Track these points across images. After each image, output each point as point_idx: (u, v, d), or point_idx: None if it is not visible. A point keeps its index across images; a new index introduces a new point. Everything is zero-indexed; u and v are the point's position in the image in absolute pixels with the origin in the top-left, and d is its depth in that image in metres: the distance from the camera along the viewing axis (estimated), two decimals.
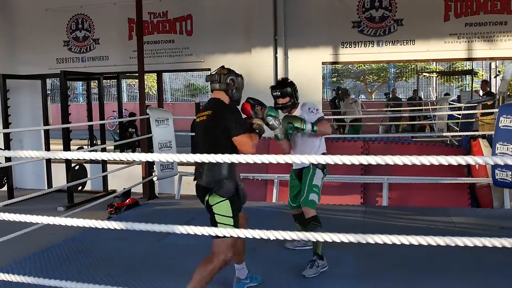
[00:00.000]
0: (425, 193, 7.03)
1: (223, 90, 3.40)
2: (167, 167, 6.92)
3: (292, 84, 4.21)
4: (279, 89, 4.18)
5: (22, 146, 9.65)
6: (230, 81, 3.39)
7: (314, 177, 4.09)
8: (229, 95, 3.41)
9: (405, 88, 23.79)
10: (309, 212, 4.03)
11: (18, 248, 5.16)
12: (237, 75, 3.45)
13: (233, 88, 3.41)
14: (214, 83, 3.42)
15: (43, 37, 9.54)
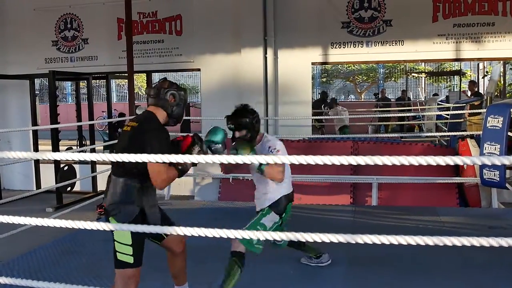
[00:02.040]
0: (414, 192, 7.08)
1: (160, 106, 3.04)
2: None
3: (252, 112, 3.57)
4: (233, 121, 3.55)
5: (11, 147, 9.57)
6: (169, 96, 3.03)
7: (263, 217, 3.56)
8: (167, 111, 3.05)
9: (394, 89, 23.92)
10: (237, 246, 3.42)
11: (6, 250, 5.12)
12: (179, 90, 3.09)
13: (173, 105, 3.05)
14: (151, 97, 3.08)
15: (32, 37, 9.47)
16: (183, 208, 6.83)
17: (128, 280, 2.91)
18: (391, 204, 6.97)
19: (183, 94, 3.11)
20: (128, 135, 2.97)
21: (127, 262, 2.88)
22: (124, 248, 2.87)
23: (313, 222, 5.79)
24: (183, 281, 3.42)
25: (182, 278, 3.41)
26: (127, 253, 2.87)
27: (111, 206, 2.93)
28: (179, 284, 3.42)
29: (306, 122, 8.39)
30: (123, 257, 2.88)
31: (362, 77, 25.79)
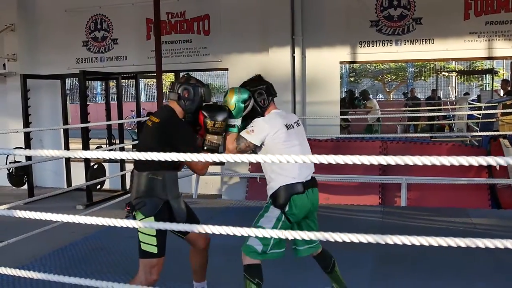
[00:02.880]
0: (445, 193, 6.96)
1: (175, 100, 3.12)
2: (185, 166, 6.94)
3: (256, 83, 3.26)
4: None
5: (42, 145, 9.77)
6: (183, 91, 3.09)
7: (261, 218, 3.14)
8: (181, 106, 3.11)
9: (424, 88, 23.54)
10: (244, 260, 3.12)
11: (39, 246, 5.23)
12: (195, 85, 3.11)
13: (186, 99, 3.09)
14: (169, 91, 3.18)
15: (63, 38, 9.65)
16: (210, 207, 6.87)
17: (151, 270, 2.98)
18: (420, 205, 6.87)
19: (198, 90, 3.11)
20: (152, 131, 3.06)
21: (151, 252, 2.97)
22: (148, 239, 2.94)
23: (341, 222, 5.75)
24: (201, 278, 3.42)
25: (201, 275, 3.42)
26: (151, 243, 2.95)
27: (136, 200, 3.01)
28: (198, 281, 3.43)
29: (334, 121, 8.33)
30: (147, 247, 2.96)
31: (391, 76, 25.47)
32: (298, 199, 3.07)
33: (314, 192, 3.20)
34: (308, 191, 3.12)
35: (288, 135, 3.12)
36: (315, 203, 3.21)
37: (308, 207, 3.14)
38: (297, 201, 3.07)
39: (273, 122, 3.15)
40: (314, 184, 3.22)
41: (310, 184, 3.17)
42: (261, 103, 3.20)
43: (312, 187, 3.19)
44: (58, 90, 9.52)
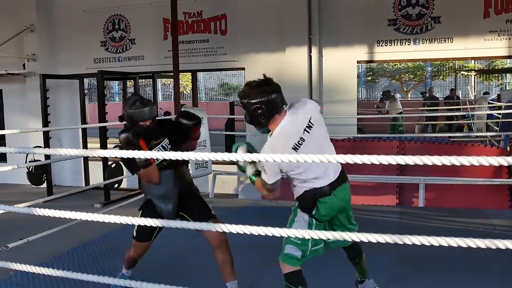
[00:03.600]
0: (463, 194, 6.87)
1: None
2: (202, 165, 6.96)
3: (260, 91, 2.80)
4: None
5: (61, 144, 9.88)
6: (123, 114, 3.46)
7: (293, 223, 3.01)
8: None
9: (442, 87, 23.27)
10: (284, 268, 2.99)
11: (57, 244, 5.29)
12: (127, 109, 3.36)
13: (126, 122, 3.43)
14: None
15: (81, 38, 9.75)
16: (226, 206, 6.87)
17: (131, 248, 3.58)
18: (438, 205, 6.79)
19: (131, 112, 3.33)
20: None
21: (132, 234, 3.52)
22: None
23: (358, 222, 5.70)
24: (228, 277, 3.37)
25: (226, 274, 3.36)
26: (134, 228, 3.46)
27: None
28: (226, 280, 3.39)
29: (351, 121, 8.28)
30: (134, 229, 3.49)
31: (409, 76, 25.23)
32: (325, 201, 2.91)
33: (343, 189, 2.98)
34: (335, 191, 2.92)
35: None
36: (346, 198, 3.02)
37: (337, 206, 2.98)
38: (324, 203, 2.91)
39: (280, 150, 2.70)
40: (341, 180, 2.98)
41: (336, 182, 2.94)
42: (261, 119, 2.82)
43: (340, 184, 2.96)
44: (76, 90, 9.62)
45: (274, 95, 2.77)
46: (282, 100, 2.82)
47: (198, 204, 3.49)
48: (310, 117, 2.82)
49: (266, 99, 2.76)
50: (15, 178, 9.67)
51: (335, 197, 2.92)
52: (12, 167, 5.00)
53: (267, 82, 2.82)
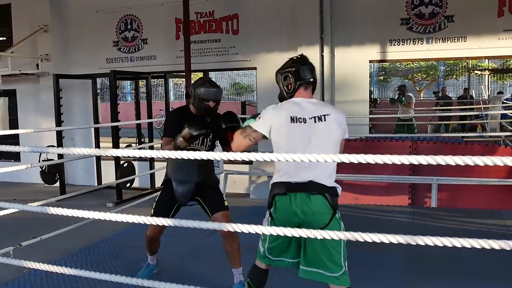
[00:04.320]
0: (477, 195, 6.80)
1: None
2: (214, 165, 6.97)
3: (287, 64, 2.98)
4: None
5: (74, 143, 9.95)
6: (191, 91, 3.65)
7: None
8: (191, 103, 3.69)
9: (456, 87, 23.08)
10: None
11: (70, 242, 5.33)
12: (196, 87, 3.59)
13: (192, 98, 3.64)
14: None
15: (94, 38, 9.81)
16: (237, 205, 6.88)
17: (149, 226, 3.79)
18: (451, 206, 6.74)
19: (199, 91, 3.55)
20: None
21: (151, 212, 3.72)
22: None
23: (370, 223, 5.69)
24: (235, 264, 3.68)
25: (233, 261, 3.66)
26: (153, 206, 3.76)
27: None
28: (232, 267, 3.71)
29: (363, 121, 8.24)
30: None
31: (422, 75, 25.06)
32: (280, 201, 2.68)
33: (304, 200, 2.61)
34: (294, 195, 2.63)
35: (290, 130, 2.68)
36: (311, 214, 2.61)
37: (292, 215, 2.64)
38: (278, 203, 2.69)
39: (280, 111, 2.74)
40: (309, 189, 2.62)
41: (302, 188, 2.62)
42: (287, 88, 2.85)
43: (305, 192, 2.62)
44: (89, 90, 9.68)
45: (301, 67, 2.85)
46: (309, 75, 2.84)
47: (215, 193, 3.78)
48: (328, 114, 2.72)
49: (295, 69, 2.85)
50: (29, 177, 9.76)
51: (290, 202, 2.64)
52: (25, 166, 5.05)
53: (302, 57, 2.95)
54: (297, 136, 2.67)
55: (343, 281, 2.67)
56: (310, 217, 2.62)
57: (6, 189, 9.21)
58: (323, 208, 2.62)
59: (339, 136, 2.74)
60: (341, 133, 2.74)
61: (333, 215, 2.64)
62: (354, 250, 4.30)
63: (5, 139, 9.98)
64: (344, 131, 2.77)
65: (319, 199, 2.61)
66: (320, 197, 2.62)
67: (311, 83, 2.84)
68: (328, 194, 2.63)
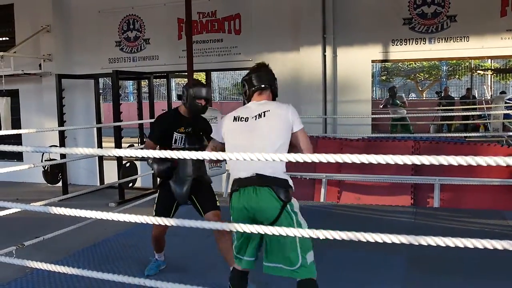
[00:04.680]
0: (479, 195, 6.78)
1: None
2: (216, 165, 6.97)
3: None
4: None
5: (76, 143, 9.96)
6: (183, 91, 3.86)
7: None
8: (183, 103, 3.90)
9: (458, 87, 23.04)
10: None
11: (72, 242, 5.34)
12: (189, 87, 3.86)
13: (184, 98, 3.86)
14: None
15: (96, 38, 9.83)
16: None
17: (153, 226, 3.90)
18: (454, 206, 6.72)
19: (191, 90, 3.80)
20: None
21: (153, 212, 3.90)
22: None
23: (372, 223, 5.68)
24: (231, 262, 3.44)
25: (229, 259, 3.47)
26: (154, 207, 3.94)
27: None
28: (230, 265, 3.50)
29: (365, 120, 8.23)
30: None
31: (424, 75, 25.03)
32: (234, 197, 2.77)
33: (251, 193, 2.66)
34: (243, 190, 2.69)
35: (231, 129, 2.87)
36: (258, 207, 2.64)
37: (241, 210, 2.71)
38: (233, 200, 2.78)
39: (228, 116, 2.95)
40: (255, 182, 2.66)
41: (249, 181, 2.67)
42: (245, 95, 3.02)
43: (252, 185, 2.66)
44: (91, 90, 9.70)
45: (255, 74, 2.98)
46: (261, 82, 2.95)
47: (208, 192, 3.93)
48: (268, 110, 2.82)
49: (249, 76, 2.99)
50: (31, 177, 9.79)
51: (239, 196, 2.71)
52: (28, 166, 5.06)
53: (257, 65, 3.09)
54: (239, 133, 2.83)
55: (303, 273, 2.65)
56: (257, 212, 2.65)
57: (8, 188, 9.23)
58: (269, 201, 2.62)
59: (283, 127, 2.77)
60: (284, 124, 2.77)
61: (282, 207, 2.63)
62: (357, 250, 4.31)
63: (8, 139, 10.01)
64: (289, 122, 2.78)
65: (265, 191, 2.63)
66: (267, 189, 2.63)
67: (265, 89, 2.96)
68: (276, 186, 2.63)
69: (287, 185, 2.68)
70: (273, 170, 2.65)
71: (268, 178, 2.63)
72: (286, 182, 2.68)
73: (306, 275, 2.64)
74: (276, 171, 2.66)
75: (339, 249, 4.34)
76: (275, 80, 3.02)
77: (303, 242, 2.63)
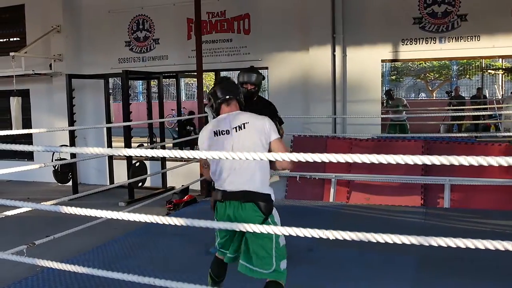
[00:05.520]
0: (490, 195, 6.73)
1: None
2: None
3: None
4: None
5: (86, 143, 10.02)
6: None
7: None
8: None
9: (469, 86, 22.88)
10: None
11: (82, 241, 5.36)
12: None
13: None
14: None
15: (106, 38, 9.87)
16: None
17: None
18: (464, 206, 6.68)
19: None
20: None
21: None
22: None
23: (382, 223, 5.66)
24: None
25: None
26: None
27: None
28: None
29: (375, 120, 8.20)
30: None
31: (434, 75, 24.88)
32: (219, 206, 3.02)
33: (237, 207, 2.92)
34: (229, 202, 2.94)
35: (215, 143, 3.01)
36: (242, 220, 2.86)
37: (227, 218, 2.94)
38: (218, 207, 3.02)
39: (204, 131, 3.14)
40: (241, 197, 2.91)
41: (235, 196, 2.92)
42: (212, 108, 3.21)
43: (237, 199, 2.92)
44: (101, 90, 9.74)
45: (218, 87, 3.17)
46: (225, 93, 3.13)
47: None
48: (247, 122, 3.00)
49: (213, 90, 3.18)
50: (42, 176, 9.86)
51: (225, 208, 2.96)
52: (39, 165, 5.09)
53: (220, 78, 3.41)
54: (222, 147, 2.98)
55: (274, 276, 2.88)
56: (242, 222, 2.76)
57: (19, 188, 9.31)
58: (253, 215, 2.87)
59: (262, 138, 2.98)
60: (263, 135, 2.98)
61: (264, 220, 2.89)
62: (366, 251, 4.29)
63: (19, 138, 10.09)
64: (266, 133, 2.98)
65: (249, 206, 2.89)
66: (251, 204, 2.89)
67: (230, 99, 3.13)
68: (260, 201, 2.90)
69: (269, 199, 2.94)
70: (258, 185, 2.94)
71: (253, 194, 2.89)
72: (268, 196, 2.95)
73: (277, 278, 2.88)
74: (261, 186, 2.95)
75: (349, 248, 4.33)
76: (239, 90, 3.21)
77: (279, 250, 2.90)
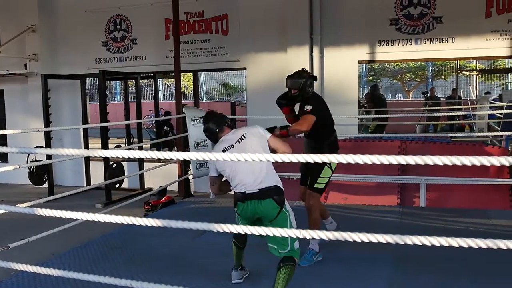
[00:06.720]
0: (464, 194, 6.86)
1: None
2: (203, 165, 6.97)
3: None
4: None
5: (62, 144, 9.89)
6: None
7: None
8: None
9: (444, 87, 23.24)
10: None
11: (58, 243, 5.30)
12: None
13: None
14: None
15: (83, 38, 9.76)
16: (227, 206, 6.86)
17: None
18: (439, 205, 6.78)
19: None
20: None
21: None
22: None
23: (359, 223, 5.71)
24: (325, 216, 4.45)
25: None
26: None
27: None
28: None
29: (352, 121, 8.27)
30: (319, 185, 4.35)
31: (410, 76, 25.22)
32: (240, 205, 3.53)
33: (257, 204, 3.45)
34: (249, 202, 3.45)
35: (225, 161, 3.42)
36: (262, 213, 3.46)
37: (251, 214, 3.49)
38: (239, 206, 3.54)
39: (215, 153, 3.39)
40: (260, 197, 3.43)
41: (251, 196, 3.44)
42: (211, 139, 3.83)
43: (256, 199, 3.43)
44: (78, 90, 9.63)
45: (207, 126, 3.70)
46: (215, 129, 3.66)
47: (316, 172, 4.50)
48: (245, 133, 3.56)
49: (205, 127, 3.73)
50: (17, 178, 9.69)
51: (248, 207, 3.48)
52: (13, 167, 5.00)
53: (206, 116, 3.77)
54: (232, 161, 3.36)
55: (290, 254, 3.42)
56: (263, 214, 3.47)
57: None
58: (271, 208, 3.44)
59: (263, 141, 3.55)
60: (262, 138, 3.55)
61: (280, 209, 3.45)
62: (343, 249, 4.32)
63: None
64: (263, 135, 3.57)
65: (268, 202, 3.43)
66: (268, 200, 3.43)
67: (221, 129, 3.65)
68: (275, 196, 3.44)
69: (281, 192, 3.48)
70: (271, 181, 3.46)
71: (268, 191, 3.43)
72: (280, 190, 3.48)
73: (292, 254, 3.43)
74: (273, 181, 3.47)
75: (326, 248, 4.36)
76: (225, 118, 3.73)
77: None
